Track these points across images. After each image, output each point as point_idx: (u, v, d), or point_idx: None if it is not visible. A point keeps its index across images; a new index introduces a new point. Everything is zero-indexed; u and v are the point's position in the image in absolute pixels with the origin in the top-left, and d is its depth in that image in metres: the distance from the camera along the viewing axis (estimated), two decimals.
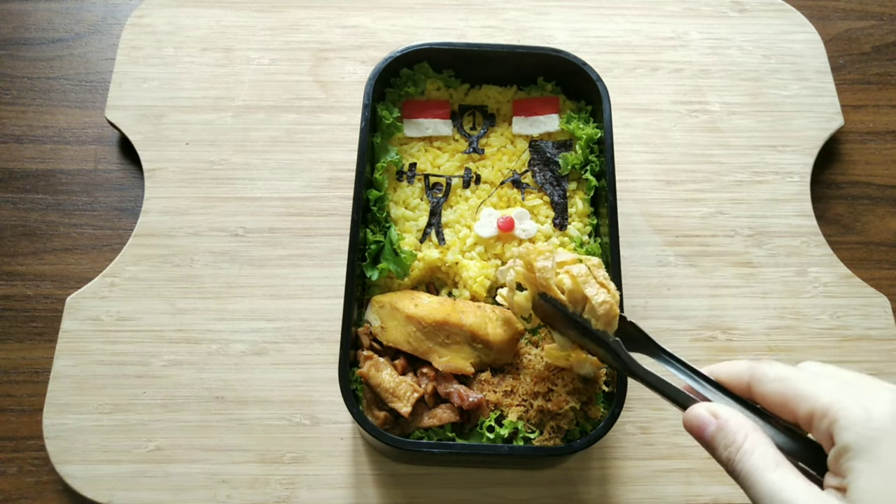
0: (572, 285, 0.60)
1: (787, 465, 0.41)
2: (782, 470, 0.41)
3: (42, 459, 0.76)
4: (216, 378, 0.78)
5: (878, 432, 0.39)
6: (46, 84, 0.96)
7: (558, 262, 0.62)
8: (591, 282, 0.59)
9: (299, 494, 0.73)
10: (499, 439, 0.65)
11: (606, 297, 0.58)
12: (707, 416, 0.46)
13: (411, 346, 0.67)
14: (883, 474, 0.38)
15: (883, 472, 0.38)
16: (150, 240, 0.84)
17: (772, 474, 0.41)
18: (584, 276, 0.60)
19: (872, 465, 0.39)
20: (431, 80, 0.82)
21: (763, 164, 0.91)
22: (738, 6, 1.01)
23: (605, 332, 0.58)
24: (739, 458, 0.43)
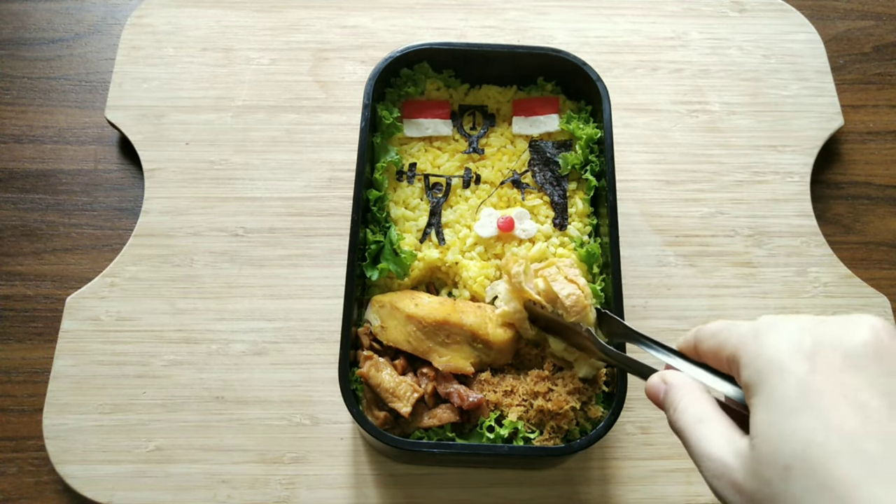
0: (545, 286, 0.65)
1: (714, 420, 0.42)
2: (706, 424, 0.42)
3: (42, 459, 0.76)
4: (216, 378, 0.78)
5: (768, 364, 0.38)
6: (46, 84, 0.96)
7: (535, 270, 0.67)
8: (559, 279, 0.65)
9: (299, 494, 0.73)
10: (499, 439, 0.65)
11: (573, 290, 0.64)
12: (658, 383, 0.48)
13: (411, 346, 0.67)
14: (770, 407, 0.37)
15: (772, 404, 0.37)
16: (150, 240, 0.84)
17: (696, 429, 0.42)
18: (553, 275, 0.66)
19: (764, 400, 0.38)
20: (431, 80, 0.82)
21: (763, 164, 0.91)
22: (738, 6, 1.01)
23: (577, 323, 0.63)
24: (675, 418, 0.44)
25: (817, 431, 0.34)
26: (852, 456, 0.33)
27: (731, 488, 0.39)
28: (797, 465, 0.34)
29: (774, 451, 0.36)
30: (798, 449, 0.34)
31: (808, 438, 0.34)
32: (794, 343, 0.38)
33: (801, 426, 0.35)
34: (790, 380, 0.37)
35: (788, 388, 0.37)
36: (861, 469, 0.32)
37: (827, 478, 0.33)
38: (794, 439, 0.35)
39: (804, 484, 0.34)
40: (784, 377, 0.37)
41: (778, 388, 0.37)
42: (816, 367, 0.37)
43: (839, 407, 0.35)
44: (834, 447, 0.33)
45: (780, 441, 0.36)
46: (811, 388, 0.36)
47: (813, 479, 0.33)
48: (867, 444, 0.33)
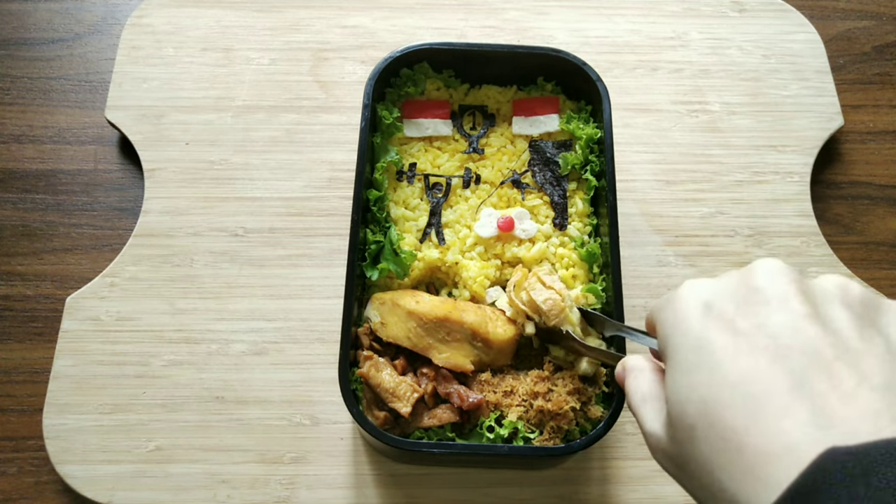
0: (527, 297, 0.67)
1: (656, 397, 0.42)
2: (648, 402, 0.42)
3: (42, 459, 0.76)
4: (216, 378, 0.78)
5: (671, 327, 0.38)
6: (46, 84, 0.96)
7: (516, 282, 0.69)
8: (538, 287, 0.67)
9: (299, 494, 0.73)
10: (499, 439, 0.65)
11: (549, 295, 0.65)
12: (620, 370, 0.48)
13: (411, 342, 0.67)
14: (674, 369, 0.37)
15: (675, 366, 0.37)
16: (150, 240, 0.84)
17: (640, 408, 0.43)
18: (532, 284, 0.67)
19: (670, 364, 0.38)
20: (431, 80, 0.82)
21: (763, 164, 0.91)
22: (738, 6, 1.01)
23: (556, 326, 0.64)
24: (628, 401, 0.45)
25: (712, 386, 0.34)
26: (743, 402, 0.32)
27: (665, 459, 0.39)
28: (699, 423, 0.34)
29: (680, 414, 0.36)
30: (698, 407, 0.34)
31: (704, 395, 0.34)
32: (695, 301, 0.38)
33: (699, 383, 0.35)
34: (689, 338, 0.37)
35: (687, 347, 0.37)
36: (750, 413, 0.32)
37: (725, 430, 0.33)
38: (694, 398, 0.35)
39: (708, 441, 0.33)
40: (683, 338, 0.37)
41: (679, 349, 0.37)
42: (710, 321, 0.36)
43: (730, 356, 0.34)
44: (726, 399, 0.33)
45: (685, 402, 0.35)
46: (706, 343, 0.36)
47: (713, 434, 0.33)
48: (752, 387, 0.32)
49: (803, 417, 0.30)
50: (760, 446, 0.31)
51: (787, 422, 0.31)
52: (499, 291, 0.72)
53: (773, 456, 0.30)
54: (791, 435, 0.30)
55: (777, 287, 0.36)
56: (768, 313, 0.35)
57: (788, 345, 0.33)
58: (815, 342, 0.33)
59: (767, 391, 0.32)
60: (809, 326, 0.34)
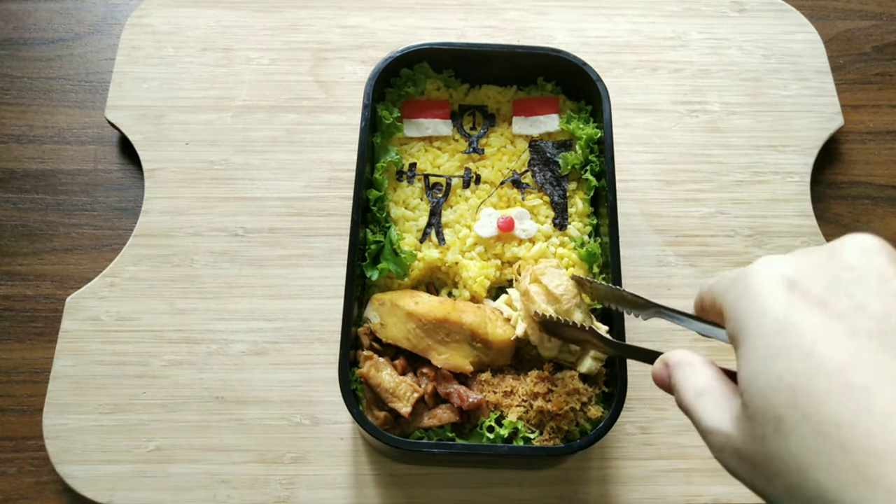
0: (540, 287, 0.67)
1: (714, 390, 0.38)
2: (705, 397, 0.38)
3: (42, 459, 0.75)
4: (216, 378, 0.78)
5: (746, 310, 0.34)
6: (46, 84, 0.96)
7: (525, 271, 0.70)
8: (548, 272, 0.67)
9: (299, 494, 0.73)
10: (499, 439, 0.65)
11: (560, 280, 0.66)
12: (661, 367, 0.43)
13: (410, 343, 0.67)
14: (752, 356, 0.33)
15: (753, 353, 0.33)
16: (150, 240, 0.84)
17: (696, 404, 0.38)
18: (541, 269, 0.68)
19: (745, 350, 0.34)
20: (431, 80, 0.82)
21: (763, 164, 0.91)
22: (738, 6, 1.01)
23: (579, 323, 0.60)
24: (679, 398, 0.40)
25: (803, 373, 0.30)
26: (844, 394, 0.29)
27: (734, 457, 0.35)
28: (789, 414, 0.30)
29: (763, 405, 0.32)
30: (787, 397, 0.30)
31: (794, 384, 0.30)
32: (775, 278, 0.34)
33: (786, 370, 0.31)
34: (768, 322, 0.33)
35: (767, 331, 0.32)
36: (856, 406, 0.28)
37: (822, 423, 0.29)
38: (780, 387, 0.31)
39: (800, 437, 0.30)
40: (762, 320, 0.33)
41: (757, 334, 0.33)
42: (795, 302, 0.32)
43: (824, 341, 0.30)
44: (823, 388, 0.29)
45: (769, 391, 0.31)
46: (793, 325, 0.32)
47: (808, 428, 0.29)
48: (857, 377, 0.29)
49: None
50: (871, 445, 0.27)
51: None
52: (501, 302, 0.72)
53: (888, 456, 0.27)
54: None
55: (873, 264, 0.32)
56: (867, 293, 0.31)
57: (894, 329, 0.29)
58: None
59: (876, 381, 0.28)
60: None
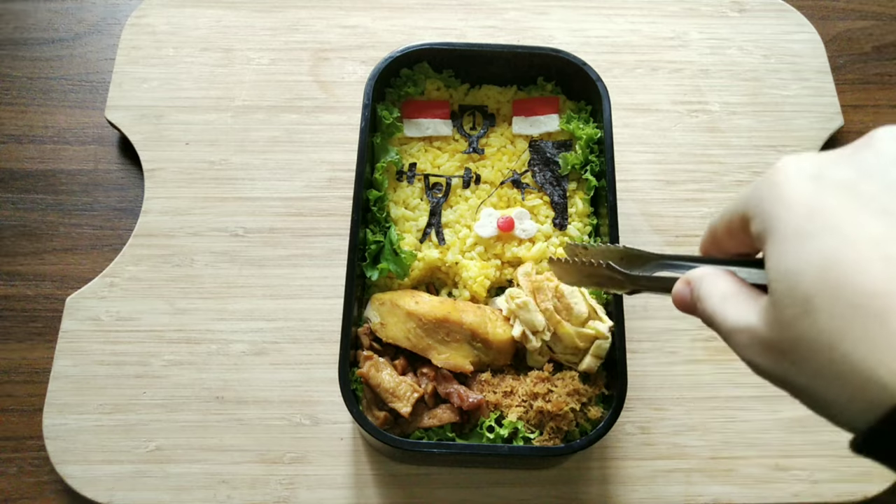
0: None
1: (738, 293, 0.37)
2: (730, 300, 0.37)
3: (42, 459, 0.75)
4: (216, 378, 0.78)
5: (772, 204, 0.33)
6: (46, 84, 0.96)
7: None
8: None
9: (299, 494, 0.73)
10: (499, 439, 0.65)
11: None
12: (682, 286, 0.42)
13: (411, 343, 0.67)
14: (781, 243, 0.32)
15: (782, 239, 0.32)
16: (150, 240, 0.84)
17: (721, 308, 0.37)
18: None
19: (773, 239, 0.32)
20: (431, 80, 0.82)
21: (763, 164, 0.91)
22: (738, 6, 1.01)
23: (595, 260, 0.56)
24: (702, 308, 0.39)
25: (836, 248, 0.29)
26: (880, 264, 0.27)
27: (760, 351, 0.33)
28: (819, 291, 0.29)
29: (792, 286, 0.30)
30: (817, 273, 0.29)
31: (826, 258, 0.29)
32: (801, 171, 0.33)
33: (817, 248, 0.29)
34: (797, 207, 0.31)
35: (797, 215, 0.31)
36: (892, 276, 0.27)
37: (856, 295, 0.27)
38: (811, 264, 0.29)
39: (830, 311, 0.28)
40: (790, 208, 0.32)
41: (786, 222, 0.32)
42: (825, 186, 0.31)
43: (856, 218, 0.29)
44: (856, 259, 0.28)
45: (797, 273, 0.30)
46: (822, 208, 0.30)
47: (840, 302, 0.28)
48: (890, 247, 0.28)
49: None
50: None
51: None
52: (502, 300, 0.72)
53: None
54: None
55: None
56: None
57: None
58: None
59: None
60: None
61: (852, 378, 0.27)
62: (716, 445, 0.76)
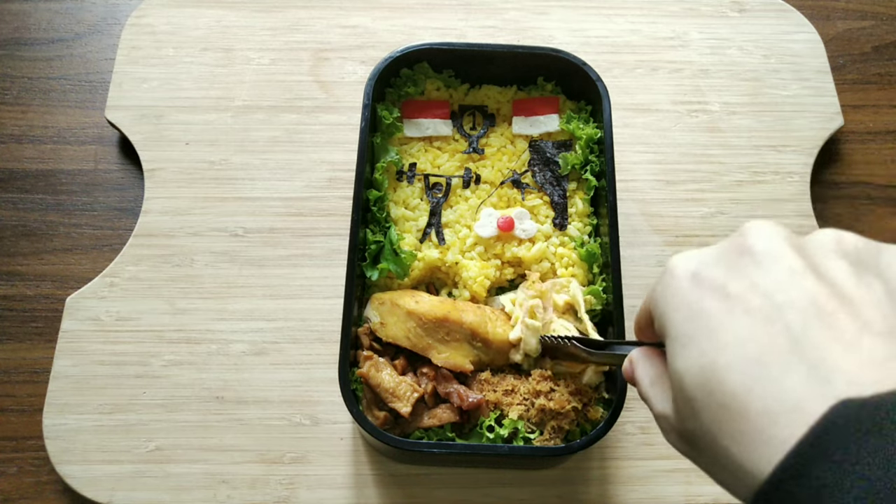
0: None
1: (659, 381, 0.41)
2: (656, 385, 0.41)
3: (42, 459, 0.75)
4: (216, 378, 0.78)
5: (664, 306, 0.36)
6: (46, 84, 0.96)
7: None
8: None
9: (299, 494, 0.73)
10: (499, 439, 0.65)
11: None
12: (626, 364, 0.46)
13: (411, 342, 0.67)
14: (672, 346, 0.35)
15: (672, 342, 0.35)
16: (150, 240, 0.84)
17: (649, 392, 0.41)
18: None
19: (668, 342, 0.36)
20: (431, 80, 0.82)
21: (763, 164, 0.91)
22: (738, 6, 1.01)
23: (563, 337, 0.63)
24: (638, 389, 0.43)
25: (709, 354, 0.32)
26: (742, 366, 0.31)
27: (676, 438, 0.38)
28: (699, 394, 0.32)
29: (681, 389, 0.34)
30: (697, 378, 0.33)
31: (702, 364, 0.32)
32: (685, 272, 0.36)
33: (696, 353, 0.33)
34: (682, 310, 0.35)
35: (682, 319, 0.35)
36: (751, 375, 0.30)
37: (724, 396, 0.31)
38: (692, 369, 0.33)
39: (709, 410, 0.32)
40: (677, 311, 0.35)
41: (675, 324, 0.35)
42: (702, 290, 0.35)
43: (724, 321, 0.32)
44: (723, 363, 0.31)
45: (684, 374, 0.34)
46: (699, 312, 0.34)
47: (714, 402, 0.31)
48: (751, 349, 0.31)
49: (804, 372, 0.29)
50: (764, 408, 0.29)
51: (790, 379, 0.29)
52: (507, 298, 0.72)
53: (778, 415, 0.29)
54: (795, 392, 0.29)
55: (768, 246, 0.34)
56: (760, 273, 0.33)
57: (784, 301, 0.32)
58: (812, 295, 0.31)
59: (767, 351, 0.30)
60: (804, 280, 0.32)
61: (731, 467, 0.31)
62: None
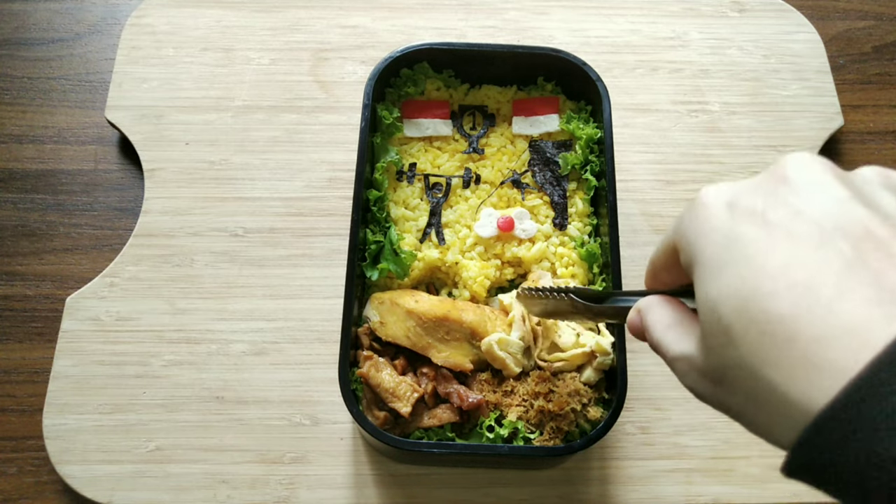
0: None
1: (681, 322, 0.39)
2: (673, 328, 0.39)
3: (42, 459, 0.75)
4: (216, 378, 0.78)
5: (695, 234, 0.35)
6: (46, 84, 0.96)
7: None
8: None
9: (299, 494, 0.73)
10: (499, 439, 0.65)
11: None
12: (633, 315, 0.44)
13: (410, 342, 0.67)
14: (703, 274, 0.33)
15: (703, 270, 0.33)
16: (150, 240, 0.84)
17: (664, 337, 0.39)
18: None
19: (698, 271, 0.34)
20: (431, 80, 0.82)
21: (763, 164, 0.91)
22: (738, 6, 1.01)
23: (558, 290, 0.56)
24: (650, 337, 0.41)
25: (748, 278, 0.30)
26: (786, 290, 0.29)
27: (698, 379, 0.35)
28: (737, 320, 0.30)
29: (714, 318, 0.32)
30: (733, 304, 0.31)
31: (739, 289, 0.30)
32: (718, 202, 0.34)
33: (732, 278, 0.31)
34: (716, 237, 0.33)
35: (715, 246, 0.33)
36: (798, 299, 0.28)
37: (768, 322, 0.29)
38: (728, 295, 0.31)
39: (748, 339, 0.30)
40: (709, 239, 0.33)
41: (706, 253, 0.33)
42: (738, 217, 0.33)
43: (765, 246, 0.31)
44: (767, 288, 0.29)
45: (717, 303, 0.32)
46: (737, 237, 0.32)
47: (755, 329, 0.29)
48: (798, 273, 0.29)
49: (864, 295, 0.27)
50: (815, 332, 0.27)
51: (846, 303, 0.27)
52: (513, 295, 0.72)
53: (833, 340, 0.27)
54: (852, 315, 0.27)
55: (810, 175, 0.32)
56: (803, 200, 0.31)
57: (834, 227, 0.30)
58: (863, 222, 0.29)
59: (817, 274, 0.28)
60: (854, 208, 0.30)
61: (774, 401, 0.29)
62: (716, 445, 0.76)
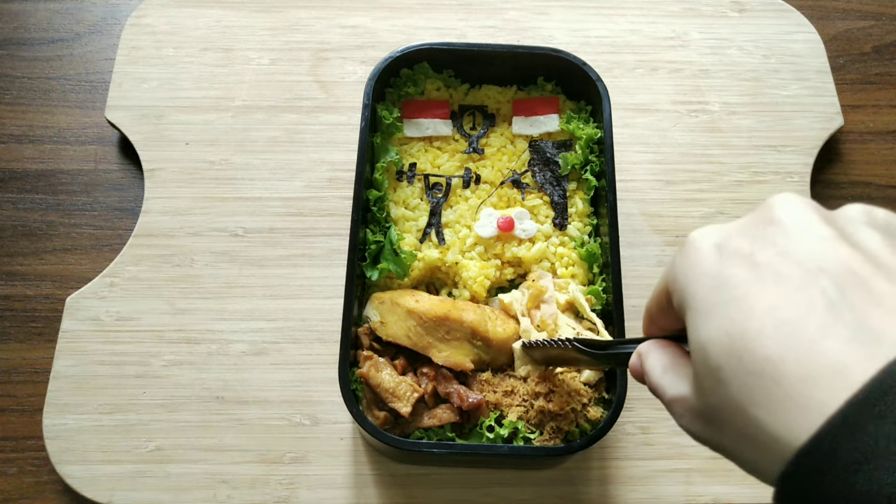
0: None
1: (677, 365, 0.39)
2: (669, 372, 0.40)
3: (42, 459, 0.75)
4: (216, 378, 0.78)
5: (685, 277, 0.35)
6: (46, 84, 0.96)
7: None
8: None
9: (299, 494, 0.73)
10: (499, 439, 0.65)
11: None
12: (634, 359, 0.45)
13: (411, 341, 0.67)
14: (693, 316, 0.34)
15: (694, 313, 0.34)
16: (150, 240, 0.84)
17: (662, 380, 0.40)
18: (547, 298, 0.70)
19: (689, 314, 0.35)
20: (431, 80, 0.82)
21: (763, 164, 0.91)
22: (738, 6, 1.01)
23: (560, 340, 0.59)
24: (648, 381, 0.42)
25: (736, 320, 0.31)
26: (774, 330, 0.29)
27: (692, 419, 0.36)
28: (725, 362, 0.31)
29: (704, 359, 0.32)
30: (723, 345, 0.31)
31: (728, 330, 0.31)
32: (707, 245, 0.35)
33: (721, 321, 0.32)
34: (705, 281, 0.34)
35: (704, 287, 0.33)
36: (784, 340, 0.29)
37: (755, 362, 0.29)
38: (717, 337, 0.32)
39: (738, 379, 0.30)
40: (700, 281, 0.34)
41: (697, 295, 0.34)
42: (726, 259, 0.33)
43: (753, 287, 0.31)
44: (754, 329, 0.30)
45: (707, 345, 0.32)
46: (725, 280, 0.33)
47: (743, 371, 0.30)
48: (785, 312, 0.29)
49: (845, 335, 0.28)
50: (799, 372, 0.28)
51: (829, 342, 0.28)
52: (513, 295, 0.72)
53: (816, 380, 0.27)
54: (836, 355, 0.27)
55: (796, 216, 0.33)
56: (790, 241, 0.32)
57: (817, 267, 0.30)
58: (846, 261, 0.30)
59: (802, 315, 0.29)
60: (839, 247, 0.31)
61: (762, 438, 0.30)
62: None
